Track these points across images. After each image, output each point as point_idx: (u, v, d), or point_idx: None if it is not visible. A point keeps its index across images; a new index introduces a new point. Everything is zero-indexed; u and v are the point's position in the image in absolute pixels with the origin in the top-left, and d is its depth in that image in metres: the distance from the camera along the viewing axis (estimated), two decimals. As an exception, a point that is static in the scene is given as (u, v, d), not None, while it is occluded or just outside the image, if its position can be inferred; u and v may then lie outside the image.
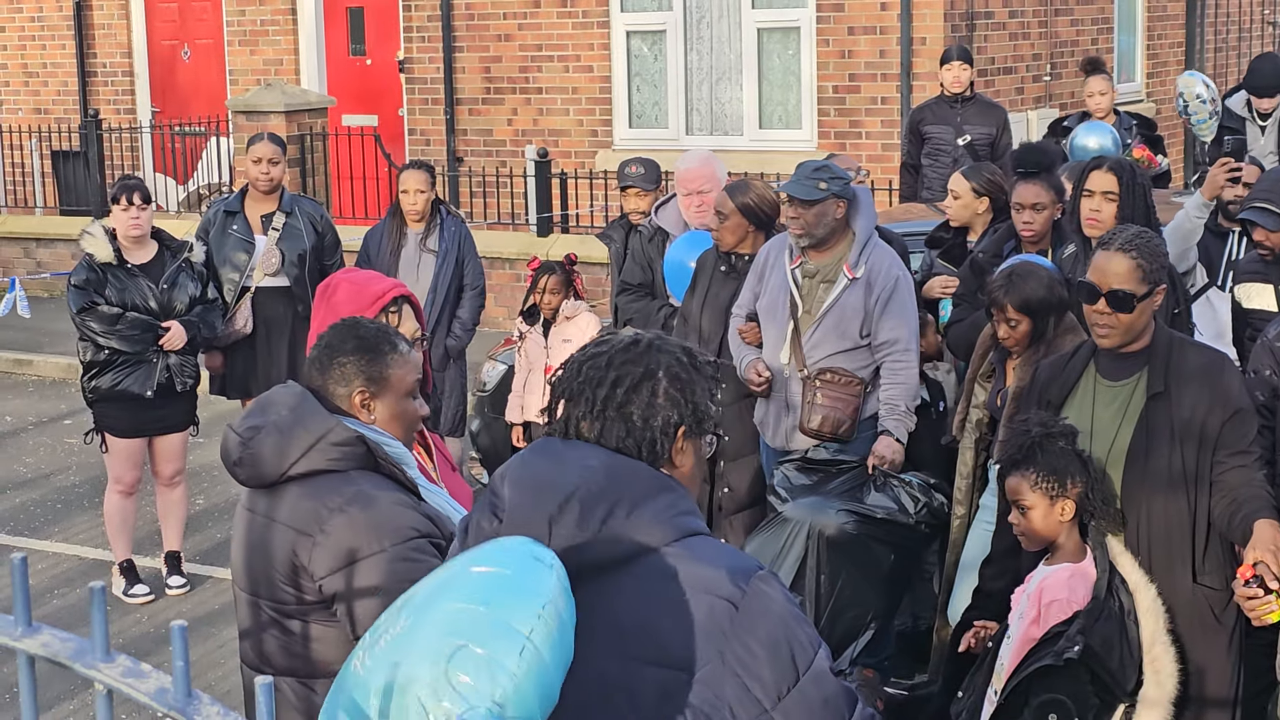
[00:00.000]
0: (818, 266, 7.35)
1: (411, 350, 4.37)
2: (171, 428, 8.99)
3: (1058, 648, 5.02)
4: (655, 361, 3.18)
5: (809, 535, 6.85)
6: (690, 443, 3.19)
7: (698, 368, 3.22)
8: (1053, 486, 5.12)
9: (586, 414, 3.17)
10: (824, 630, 6.81)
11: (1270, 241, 6.81)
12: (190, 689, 2.09)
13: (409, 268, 9.34)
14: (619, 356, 3.19)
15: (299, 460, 4.07)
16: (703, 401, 3.19)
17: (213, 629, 8.53)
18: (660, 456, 3.15)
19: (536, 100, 17.00)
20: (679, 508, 3.09)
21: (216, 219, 9.59)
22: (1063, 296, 6.46)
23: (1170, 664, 5.08)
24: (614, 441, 3.15)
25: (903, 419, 7.19)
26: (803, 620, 3.07)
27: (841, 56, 15.47)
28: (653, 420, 3.15)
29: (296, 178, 15.42)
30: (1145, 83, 18.40)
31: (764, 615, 3.00)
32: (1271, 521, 5.01)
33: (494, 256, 14.29)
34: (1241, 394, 5.33)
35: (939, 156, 11.92)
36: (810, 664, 3.02)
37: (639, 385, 3.15)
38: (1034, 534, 5.21)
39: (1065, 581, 5.16)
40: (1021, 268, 6.70)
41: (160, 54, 19.31)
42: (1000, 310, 6.55)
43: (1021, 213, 7.44)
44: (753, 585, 3.02)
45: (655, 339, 3.24)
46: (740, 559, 3.11)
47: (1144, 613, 5.08)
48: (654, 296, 8.61)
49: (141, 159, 18.79)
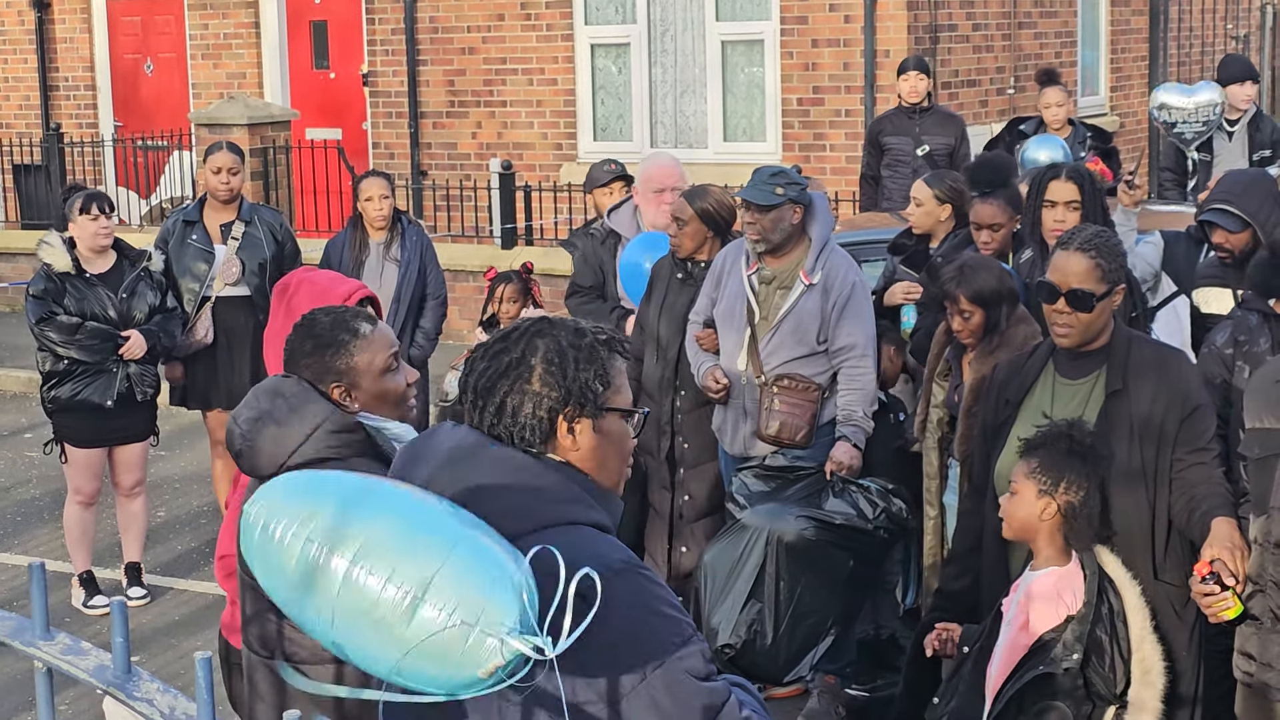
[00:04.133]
0: (774, 272, 7.35)
1: (375, 328, 4.33)
2: (131, 438, 8.94)
3: (1054, 655, 4.96)
4: (531, 347, 3.14)
5: (768, 542, 6.84)
6: (584, 423, 3.13)
7: (585, 346, 3.15)
8: (1045, 481, 5.03)
9: (469, 404, 3.17)
10: (783, 636, 6.80)
11: (1230, 243, 6.83)
12: (130, 666, 2.06)
13: (372, 277, 9.32)
14: (495, 346, 3.18)
15: (297, 450, 4.09)
16: (590, 381, 3.13)
17: (173, 640, 8.47)
18: (536, 442, 3.11)
19: (501, 113, 16.97)
20: (556, 495, 3.06)
21: (175, 229, 9.55)
22: (1013, 287, 6.50)
23: (1159, 662, 5.04)
24: (487, 429, 3.13)
25: (860, 425, 7.19)
26: (668, 618, 3.00)
27: (805, 69, 15.50)
28: (522, 407, 3.11)
29: (259, 191, 15.37)
30: (1109, 96, 18.46)
31: (613, 612, 2.91)
32: (1229, 519, 5.02)
33: (458, 269, 14.26)
34: (1200, 391, 5.34)
35: (898, 167, 11.94)
36: (664, 663, 2.96)
37: (507, 372, 3.13)
38: (1013, 521, 5.12)
39: (1053, 586, 5.08)
40: (972, 259, 6.73)
41: (123, 68, 19.23)
42: (953, 302, 6.58)
43: (980, 232, 7.46)
44: (605, 581, 2.90)
45: (537, 323, 3.20)
46: (605, 552, 3.03)
47: (1132, 611, 5.04)
48: (605, 299, 8.60)
49: (104, 173, 18.71)
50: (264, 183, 15.66)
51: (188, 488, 11.26)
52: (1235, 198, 6.82)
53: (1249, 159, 11.60)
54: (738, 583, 6.84)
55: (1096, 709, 5.06)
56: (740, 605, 6.81)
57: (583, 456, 3.15)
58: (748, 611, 6.81)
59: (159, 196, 18.15)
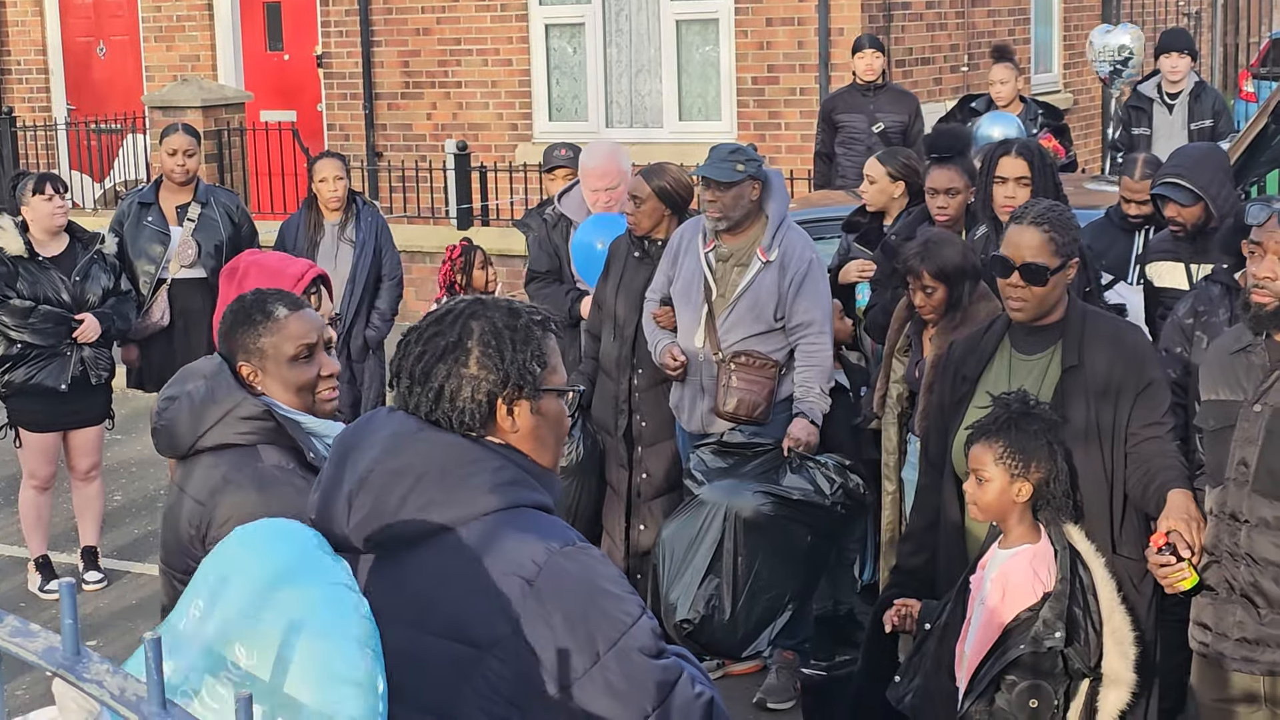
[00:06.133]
0: (731, 250, 7.35)
1: (295, 312, 4.25)
2: (86, 421, 8.90)
3: (1035, 633, 4.94)
4: (465, 330, 3.12)
5: (725, 517, 6.85)
6: (522, 404, 3.12)
7: (520, 328, 3.14)
8: (1016, 464, 5.03)
9: (404, 389, 3.15)
10: (741, 611, 6.82)
11: (1182, 217, 6.85)
12: (80, 647, 2.05)
13: (327, 258, 9.29)
14: (429, 330, 3.16)
15: (208, 432, 4.08)
16: (527, 362, 3.12)
17: (131, 623, 8.44)
18: (475, 426, 3.10)
19: (456, 94, 16.94)
20: (499, 479, 3.04)
21: (131, 211, 9.50)
22: (976, 264, 6.51)
23: (1130, 632, 5.06)
24: (424, 414, 3.11)
25: (817, 401, 7.20)
26: (616, 597, 2.98)
27: (760, 48, 15.50)
28: (461, 391, 3.09)
29: (214, 173, 15.30)
30: (1062, 73, 18.52)
31: (560, 592, 2.93)
32: (1185, 491, 5.04)
33: (415, 250, 14.24)
34: (1154, 365, 5.36)
35: (852, 145, 11.96)
36: (615, 642, 2.95)
37: (444, 356, 3.11)
38: (985, 506, 5.11)
39: (1027, 564, 5.06)
40: (937, 235, 6.74)
41: (75, 51, 19.11)
42: (916, 278, 6.59)
43: (936, 197, 7.48)
44: (551, 562, 2.95)
45: (471, 305, 3.18)
46: (549, 533, 3.01)
47: (1100, 584, 5.06)
48: (562, 282, 8.60)
49: (57, 156, 18.60)
50: (219, 165, 15.61)
51: (144, 471, 11.21)
52: (1187, 171, 6.83)
53: (1188, 131, 11.67)
54: (696, 558, 6.85)
55: (1073, 683, 5.07)
56: (699, 580, 6.83)
57: (522, 438, 3.13)
58: (706, 586, 6.82)
59: (113, 180, 18.07)
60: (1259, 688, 4.93)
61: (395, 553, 3.04)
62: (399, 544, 3.03)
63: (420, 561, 3.02)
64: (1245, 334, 4.95)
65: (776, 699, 7.26)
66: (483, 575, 2.95)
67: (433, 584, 3.00)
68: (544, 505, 3.10)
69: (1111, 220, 7.76)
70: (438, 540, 3.01)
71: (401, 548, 3.03)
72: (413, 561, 3.03)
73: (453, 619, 2.97)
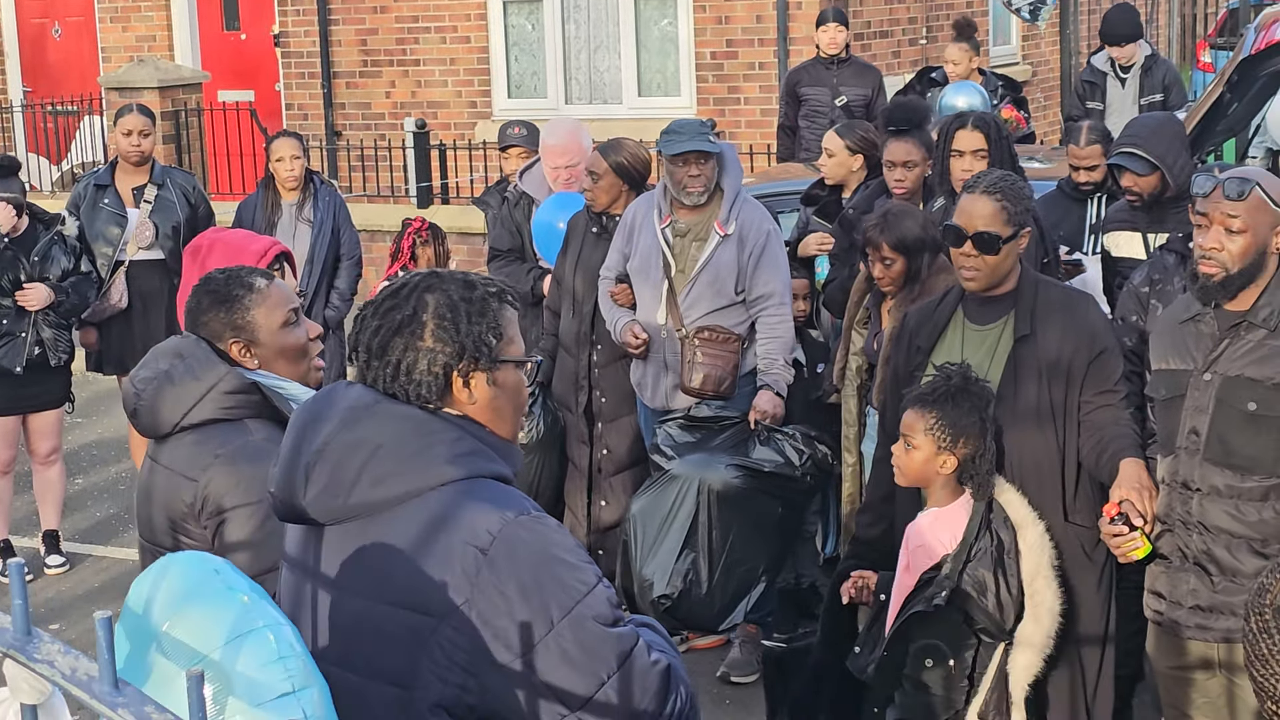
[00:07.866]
0: (689, 225, 7.36)
1: (272, 283, 4.28)
2: (45, 404, 8.86)
3: (928, 594, 5.06)
4: (420, 303, 3.14)
5: (699, 491, 6.86)
6: (479, 376, 3.14)
7: (476, 299, 3.16)
8: (945, 438, 5.10)
9: (362, 363, 3.17)
10: (718, 585, 6.84)
11: (1139, 186, 6.87)
12: (30, 628, 2.05)
13: (285, 238, 9.25)
14: (385, 304, 3.18)
15: (191, 410, 4.07)
16: (483, 334, 3.14)
17: (93, 607, 8.40)
18: (433, 398, 3.12)
19: (414, 72, 16.88)
20: (456, 450, 3.06)
21: (87, 193, 9.46)
22: (935, 237, 6.53)
23: (1051, 599, 5.12)
24: (383, 387, 3.13)
25: (781, 373, 7.23)
26: (571, 565, 3.00)
27: (718, 22, 15.48)
28: (417, 363, 3.11)
29: (172, 154, 15.25)
30: (1020, 46, 18.54)
31: (515, 561, 2.95)
32: (1137, 460, 5.07)
33: (374, 229, 14.19)
34: (1106, 333, 5.39)
35: (816, 118, 11.98)
36: (570, 610, 2.96)
37: (400, 330, 3.13)
38: (908, 472, 5.21)
39: (928, 527, 5.19)
40: (896, 207, 6.77)
41: (30, 32, 18.99)
42: (875, 249, 6.62)
43: (893, 170, 7.50)
44: (506, 531, 2.97)
45: (426, 278, 3.20)
46: (504, 503, 3.03)
47: (1027, 548, 5.11)
48: (524, 260, 8.60)
49: (14, 139, 18.50)
50: (176, 146, 15.54)
51: (105, 454, 11.19)
52: (1143, 141, 6.85)
53: (1138, 105, 11.75)
54: (671, 533, 6.86)
55: (984, 645, 5.13)
56: (675, 555, 6.84)
57: (479, 409, 3.15)
58: (682, 561, 6.84)
59: (70, 162, 17.96)
60: (1214, 655, 4.97)
61: (353, 524, 3.06)
62: (356, 515, 3.05)
63: (378, 532, 3.04)
64: (1194, 303, 4.97)
65: (740, 673, 7.29)
66: (438, 545, 2.97)
67: (389, 555, 3.02)
68: (502, 476, 3.12)
69: (1064, 191, 7.79)
70: (395, 511, 3.03)
71: (359, 519, 3.05)
72: (370, 532, 3.05)
73: (409, 589, 2.98)
